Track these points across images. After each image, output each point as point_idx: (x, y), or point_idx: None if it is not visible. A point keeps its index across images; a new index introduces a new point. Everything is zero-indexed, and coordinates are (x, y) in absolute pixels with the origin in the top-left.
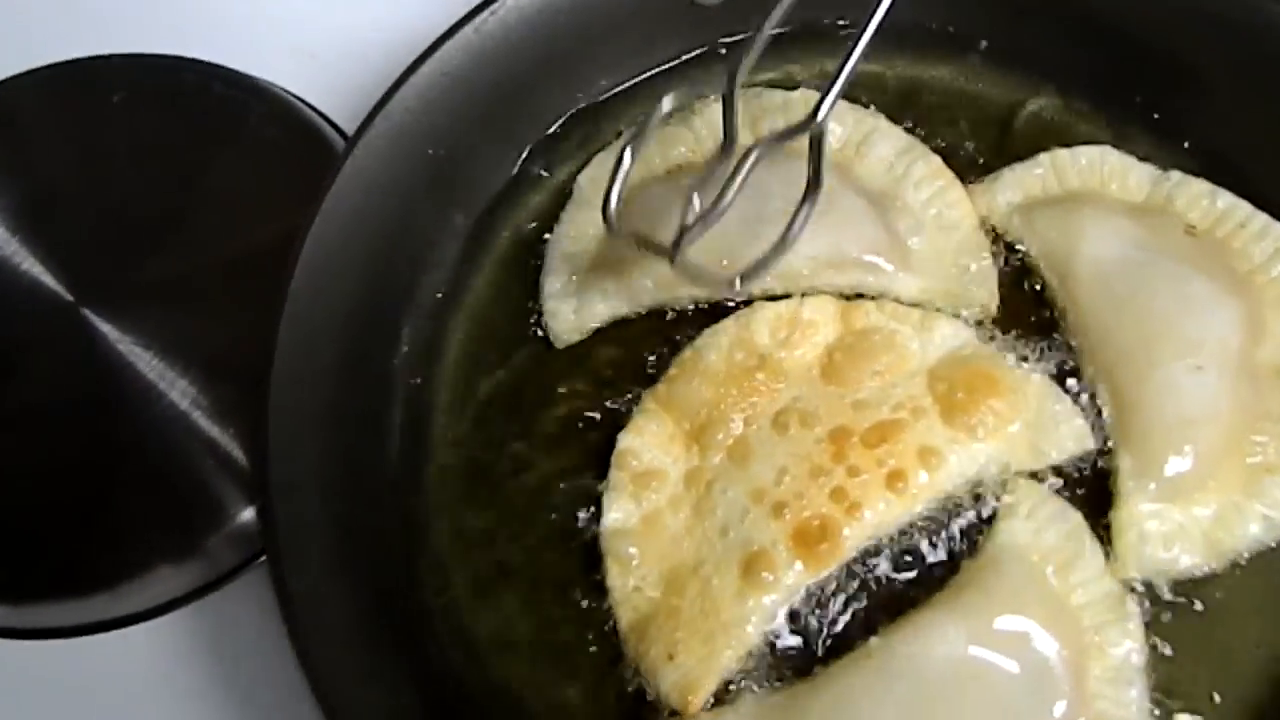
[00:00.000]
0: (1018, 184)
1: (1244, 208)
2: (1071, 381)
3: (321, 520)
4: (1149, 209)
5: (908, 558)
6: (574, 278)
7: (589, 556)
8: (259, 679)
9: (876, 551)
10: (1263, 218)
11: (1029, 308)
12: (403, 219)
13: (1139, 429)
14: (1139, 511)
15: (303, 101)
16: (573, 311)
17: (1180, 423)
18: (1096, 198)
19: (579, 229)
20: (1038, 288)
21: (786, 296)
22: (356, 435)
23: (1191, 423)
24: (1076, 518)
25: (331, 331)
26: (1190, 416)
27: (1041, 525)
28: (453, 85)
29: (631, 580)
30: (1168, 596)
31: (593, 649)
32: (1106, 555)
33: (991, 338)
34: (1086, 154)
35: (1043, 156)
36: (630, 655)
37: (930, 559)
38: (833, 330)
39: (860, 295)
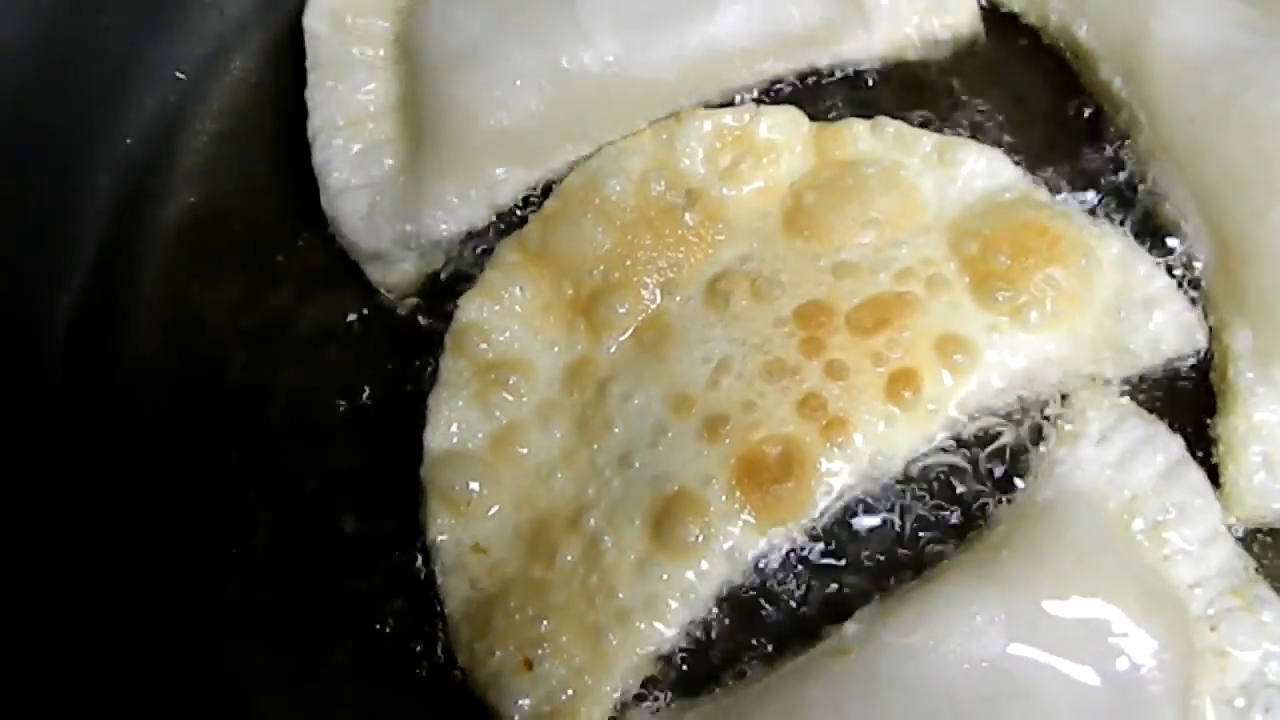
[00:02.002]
0: None
1: None
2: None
3: None
4: None
5: (915, 504)
6: (379, 199)
7: (399, 491)
8: None
9: (866, 496)
10: None
11: (1077, 134)
12: None
13: (1261, 291)
14: (1264, 418)
15: None
16: (405, 248)
17: None
18: None
19: (348, 108)
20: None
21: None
22: None
23: None
24: (1177, 446)
25: None
26: None
27: (1124, 456)
28: None
29: (469, 535)
30: None
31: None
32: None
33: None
34: None
35: None
36: (461, 656)
37: (947, 507)
38: (803, 159)
39: (817, 79)
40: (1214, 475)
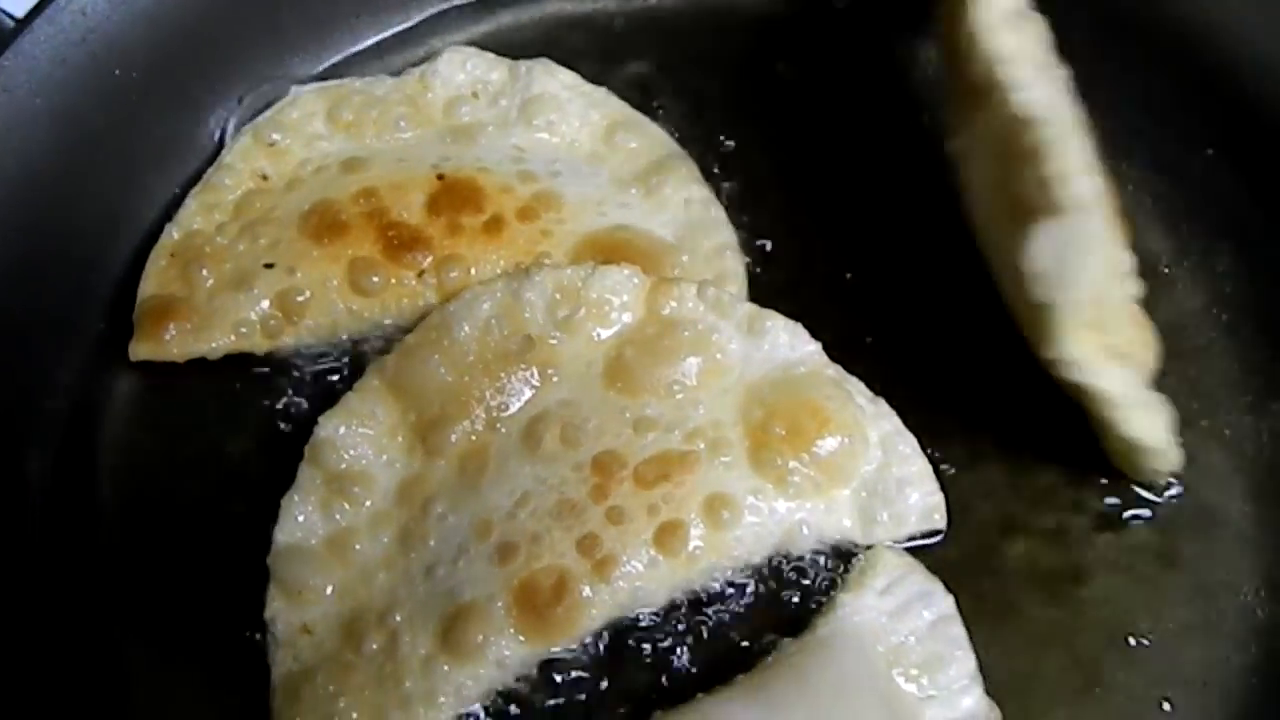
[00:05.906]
0: None
1: None
2: None
3: None
4: None
5: (689, 632)
6: None
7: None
8: None
9: (642, 622)
10: None
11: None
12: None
13: None
14: None
15: None
16: None
17: None
18: None
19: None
20: None
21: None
22: None
23: None
24: (948, 604)
25: None
26: None
27: (900, 607)
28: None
29: (300, 617)
30: None
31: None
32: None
33: None
34: None
35: None
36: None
37: (725, 639)
38: (632, 315)
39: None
40: None
